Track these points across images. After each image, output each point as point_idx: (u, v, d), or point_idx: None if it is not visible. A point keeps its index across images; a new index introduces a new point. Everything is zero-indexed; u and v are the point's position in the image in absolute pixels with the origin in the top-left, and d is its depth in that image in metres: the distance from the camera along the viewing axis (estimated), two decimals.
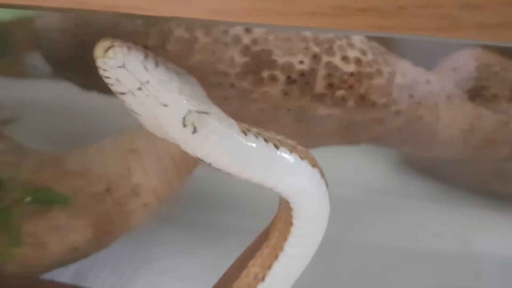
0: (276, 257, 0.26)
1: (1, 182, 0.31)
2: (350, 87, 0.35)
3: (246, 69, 0.35)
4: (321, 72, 0.35)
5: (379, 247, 0.47)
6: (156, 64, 0.21)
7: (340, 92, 0.35)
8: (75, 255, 0.35)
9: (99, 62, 0.20)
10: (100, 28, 0.42)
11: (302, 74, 0.35)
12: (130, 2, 0.18)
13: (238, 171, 0.23)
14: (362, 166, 0.58)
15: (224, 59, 0.36)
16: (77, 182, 0.34)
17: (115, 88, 0.21)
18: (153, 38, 0.38)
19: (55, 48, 0.46)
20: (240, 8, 0.18)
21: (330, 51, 0.35)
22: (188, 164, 0.38)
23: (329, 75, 0.35)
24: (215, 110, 0.23)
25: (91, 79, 0.46)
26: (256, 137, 0.23)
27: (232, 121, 0.23)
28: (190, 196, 0.46)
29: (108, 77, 0.21)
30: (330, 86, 0.35)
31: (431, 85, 0.40)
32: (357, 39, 0.37)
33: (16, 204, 0.32)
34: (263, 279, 0.26)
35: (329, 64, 0.35)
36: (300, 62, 0.35)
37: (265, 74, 0.35)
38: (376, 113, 0.36)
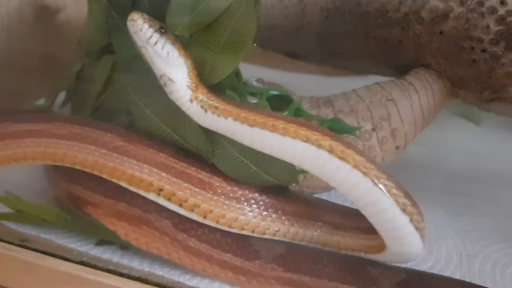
0: None
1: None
2: None
3: (500, 36, 0.40)
4: None
5: None
6: (155, 43, 0.32)
7: None
8: None
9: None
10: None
11: None
12: None
13: None
14: None
15: (479, 27, 0.41)
16: (349, 120, 0.40)
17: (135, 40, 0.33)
18: (406, 6, 0.44)
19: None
20: None
21: None
22: (430, 116, 0.43)
23: None
24: (181, 77, 0.33)
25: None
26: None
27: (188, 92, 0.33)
28: None
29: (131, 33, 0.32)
30: None
31: None
32: None
33: None
34: None
35: None
36: None
37: None
38: None
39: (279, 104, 0.38)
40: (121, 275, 0.37)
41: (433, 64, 0.43)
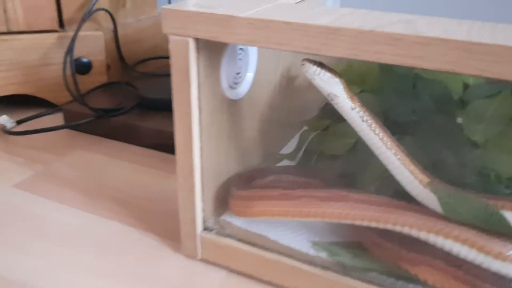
0: None
1: None
2: None
3: None
4: None
5: None
6: (319, 74, 0.44)
7: None
8: None
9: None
10: None
11: None
12: None
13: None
14: None
15: None
16: None
17: (306, 75, 0.45)
18: None
19: None
20: None
21: None
22: None
23: None
24: (341, 95, 0.45)
25: None
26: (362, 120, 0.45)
27: (354, 110, 0.45)
28: None
29: (303, 71, 0.45)
30: None
31: None
32: None
33: None
34: None
35: None
36: None
37: None
38: None
39: None
40: None
41: None
